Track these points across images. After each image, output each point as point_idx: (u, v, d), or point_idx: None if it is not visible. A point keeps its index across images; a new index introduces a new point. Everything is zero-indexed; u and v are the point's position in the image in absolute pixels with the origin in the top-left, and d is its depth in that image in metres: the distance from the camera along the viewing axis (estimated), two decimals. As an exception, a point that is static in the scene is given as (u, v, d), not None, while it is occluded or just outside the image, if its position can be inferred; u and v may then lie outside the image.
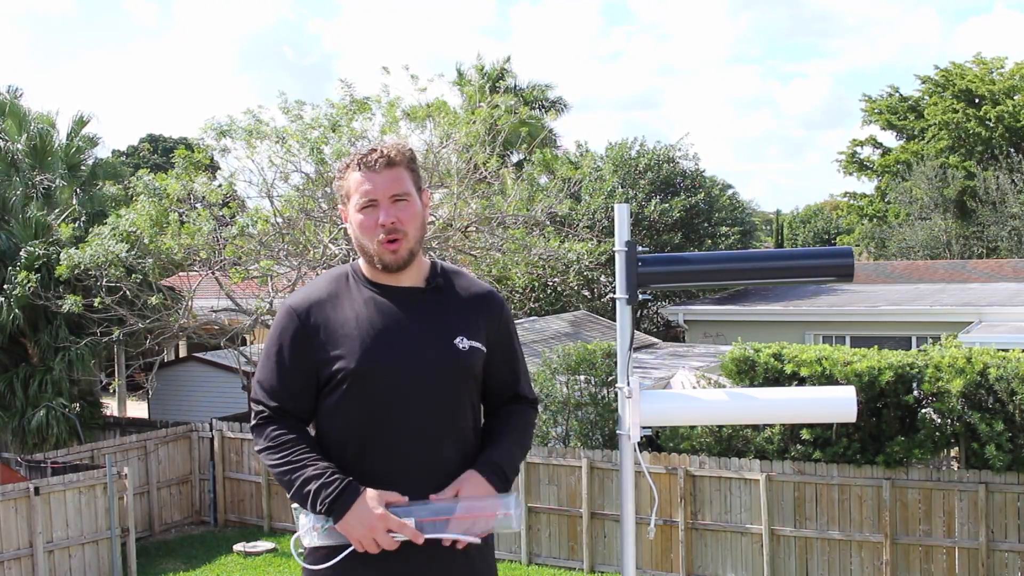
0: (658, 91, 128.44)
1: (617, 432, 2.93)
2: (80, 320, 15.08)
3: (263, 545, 13.58)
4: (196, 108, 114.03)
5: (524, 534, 12.41)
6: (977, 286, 20.43)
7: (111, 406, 18.67)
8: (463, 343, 2.62)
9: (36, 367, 15.83)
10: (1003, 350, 10.77)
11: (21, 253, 15.32)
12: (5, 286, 15.22)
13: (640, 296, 2.92)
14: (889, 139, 36.37)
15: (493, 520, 2.49)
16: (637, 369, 12.65)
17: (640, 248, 2.91)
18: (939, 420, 10.61)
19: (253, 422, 2.66)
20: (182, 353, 21.78)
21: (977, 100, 32.29)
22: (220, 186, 14.23)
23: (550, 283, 20.76)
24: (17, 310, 15.08)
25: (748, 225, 26.95)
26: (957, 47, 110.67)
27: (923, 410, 10.65)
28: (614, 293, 2.94)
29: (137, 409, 20.53)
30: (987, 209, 28.82)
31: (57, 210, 16.71)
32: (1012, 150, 30.94)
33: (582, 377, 12.39)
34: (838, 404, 2.84)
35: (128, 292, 13.97)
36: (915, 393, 10.57)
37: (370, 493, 2.47)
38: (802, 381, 10.62)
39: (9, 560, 11.57)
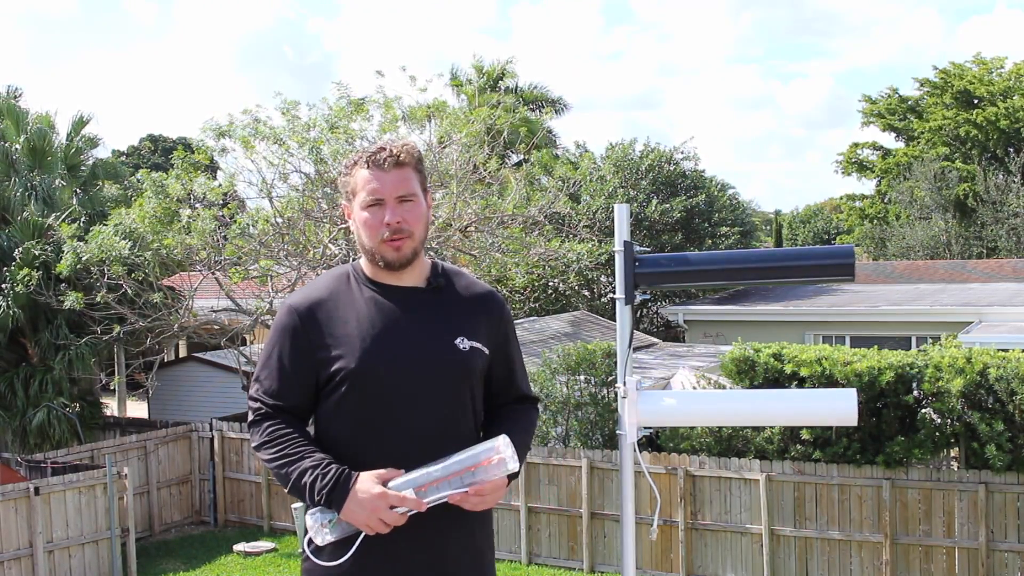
0: (658, 91, 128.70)
1: (617, 432, 2.93)
2: (80, 319, 15.08)
3: (263, 545, 13.58)
4: (196, 108, 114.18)
5: (524, 534, 12.42)
6: (977, 286, 20.42)
7: (111, 406, 18.66)
8: (463, 344, 2.62)
9: (36, 367, 15.83)
10: (1003, 350, 10.77)
11: (16, 252, 15.30)
12: (3, 285, 15.21)
13: (639, 296, 2.91)
14: (889, 141, 36.38)
15: (490, 467, 2.47)
16: (637, 369, 12.65)
17: (639, 248, 2.90)
18: (939, 420, 10.61)
19: (250, 418, 2.65)
20: (182, 353, 21.78)
21: (976, 101, 32.25)
22: (220, 185, 14.23)
23: (550, 283, 20.76)
24: (16, 308, 15.05)
25: (748, 225, 26.95)
26: (958, 47, 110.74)
27: (923, 410, 10.64)
28: (614, 293, 2.93)
29: (137, 409, 20.52)
30: (987, 209, 28.81)
31: (57, 211, 16.69)
32: (1011, 149, 30.90)
33: (582, 377, 12.39)
34: (839, 407, 2.83)
35: (129, 290, 13.97)
36: (915, 393, 10.56)
37: (364, 475, 2.45)
38: (802, 381, 10.61)
39: (9, 560, 11.57)
